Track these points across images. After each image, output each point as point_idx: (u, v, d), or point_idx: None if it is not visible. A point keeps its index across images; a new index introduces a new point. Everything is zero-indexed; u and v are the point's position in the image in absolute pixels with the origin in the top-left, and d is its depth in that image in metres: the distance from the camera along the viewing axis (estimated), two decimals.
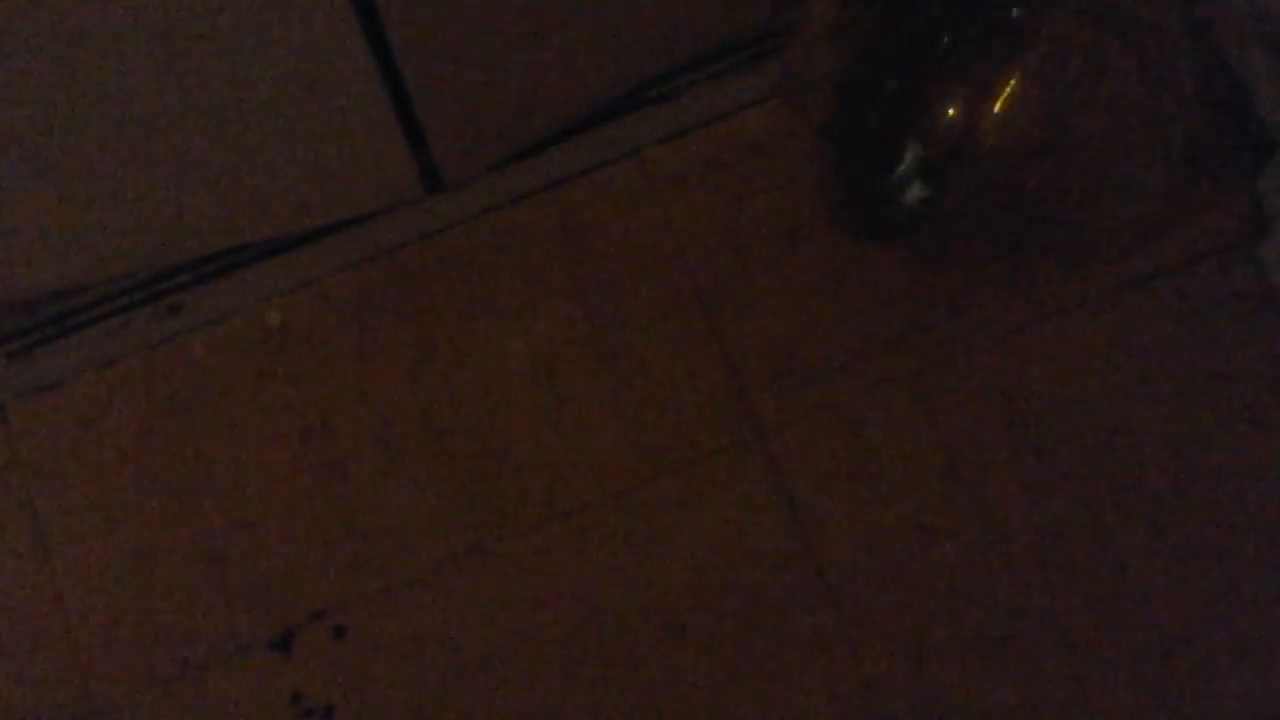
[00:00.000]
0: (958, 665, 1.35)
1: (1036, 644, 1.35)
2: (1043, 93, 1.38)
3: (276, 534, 1.42)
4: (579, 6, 1.40)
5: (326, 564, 1.41)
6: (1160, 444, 1.40)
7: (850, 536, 1.39)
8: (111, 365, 1.46)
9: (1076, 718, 1.34)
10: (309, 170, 1.41)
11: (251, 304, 1.48)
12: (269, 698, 1.38)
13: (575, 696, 1.36)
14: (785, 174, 1.50)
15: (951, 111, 1.39)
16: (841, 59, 1.45)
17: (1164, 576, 1.36)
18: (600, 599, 1.39)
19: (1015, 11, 1.38)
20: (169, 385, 1.46)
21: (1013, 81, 1.37)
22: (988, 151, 1.39)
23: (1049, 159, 1.39)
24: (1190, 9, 1.41)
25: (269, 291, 1.48)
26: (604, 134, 1.52)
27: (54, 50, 1.20)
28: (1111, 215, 1.43)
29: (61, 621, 1.40)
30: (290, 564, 1.41)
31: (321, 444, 1.44)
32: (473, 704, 1.37)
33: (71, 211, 1.36)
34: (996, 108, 1.38)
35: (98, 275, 1.46)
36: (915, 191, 1.41)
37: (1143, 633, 1.35)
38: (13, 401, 1.46)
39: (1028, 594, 1.37)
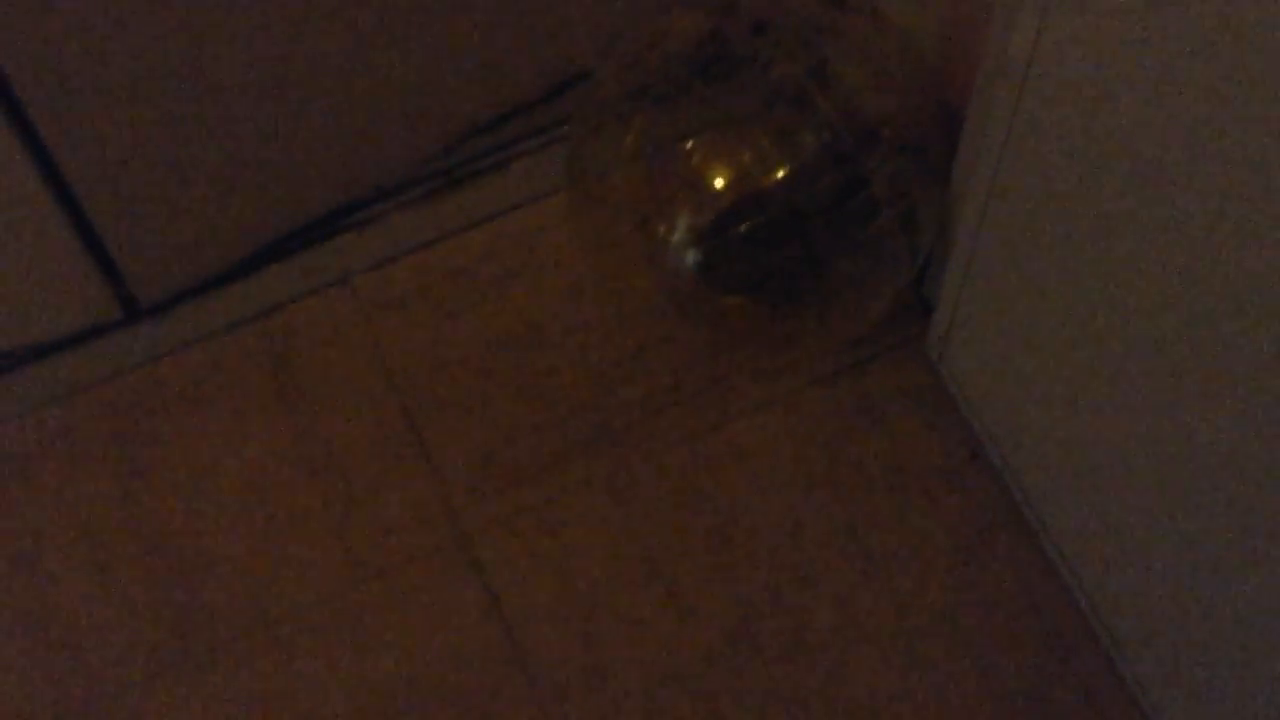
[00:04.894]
0: None
1: None
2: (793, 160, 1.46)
3: None
4: (270, 129, 1.47)
5: (36, 679, 1.42)
6: (842, 529, 1.47)
7: (554, 632, 1.44)
8: None
9: None
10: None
11: None
12: None
13: None
14: (492, 289, 1.58)
15: (719, 180, 1.47)
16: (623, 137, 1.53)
17: (851, 654, 1.43)
18: (312, 702, 1.42)
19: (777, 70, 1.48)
20: None
21: (767, 146, 1.46)
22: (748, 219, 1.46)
23: (798, 233, 1.47)
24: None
25: None
26: (310, 260, 1.58)
27: None
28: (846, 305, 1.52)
29: None
30: (2, 683, 1.42)
31: (35, 565, 1.46)
32: None
33: None
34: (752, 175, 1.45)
35: None
36: (689, 262, 1.47)
37: (831, 706, 1.41)
38: None
39: (723, 676, 1.42)
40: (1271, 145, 0.94)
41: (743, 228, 1.48)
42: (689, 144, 1.50)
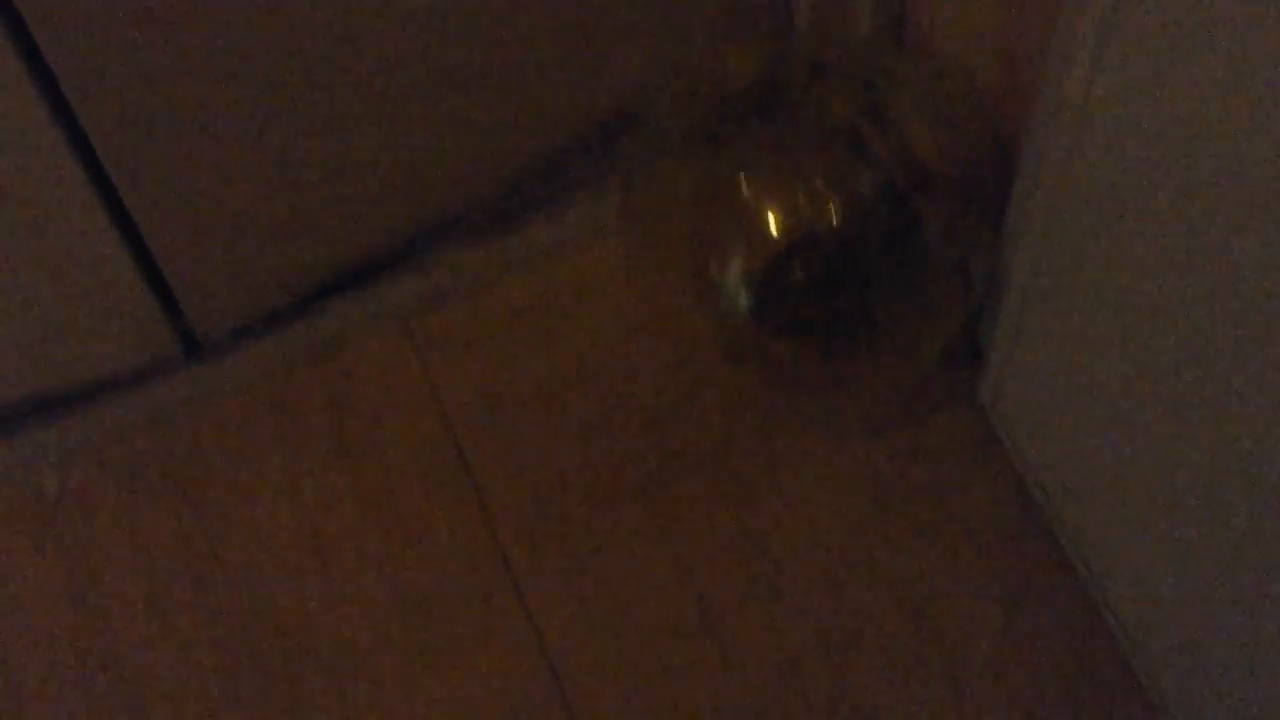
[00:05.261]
0: None
1: None
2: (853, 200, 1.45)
3: (46, 694, 1.46)
4: (332, 169, 1.49)
5: (93, 715, 1.45)
6: (890, 579, 1.47)
7: (600, 678, 1.45)
8: None
9: None
10: (51, 331, 1.49)
11: (25, 468, 1.54)
12: None
13: None
14: (546, 330, 1.60)
15: (773, 221, 1.46)
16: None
17: (898, 705, 1.43)
18: None
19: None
20: None
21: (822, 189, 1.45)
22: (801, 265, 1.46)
23: (851, 277, 1.47)
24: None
25: (40, 456, 1.55)
26: (367, 299, 1.61)
27: None
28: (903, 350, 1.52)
29: None
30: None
31: (94, 605, 1.49)
32: None
33: None
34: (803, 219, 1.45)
35: None
36: (741, 304, 1.48)
37: None
38: None
39: None
40: None
41: (796, 270, 1.48)
42: (743, 184, 1.50)
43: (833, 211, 1.47)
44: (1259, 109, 0.96)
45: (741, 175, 1.48)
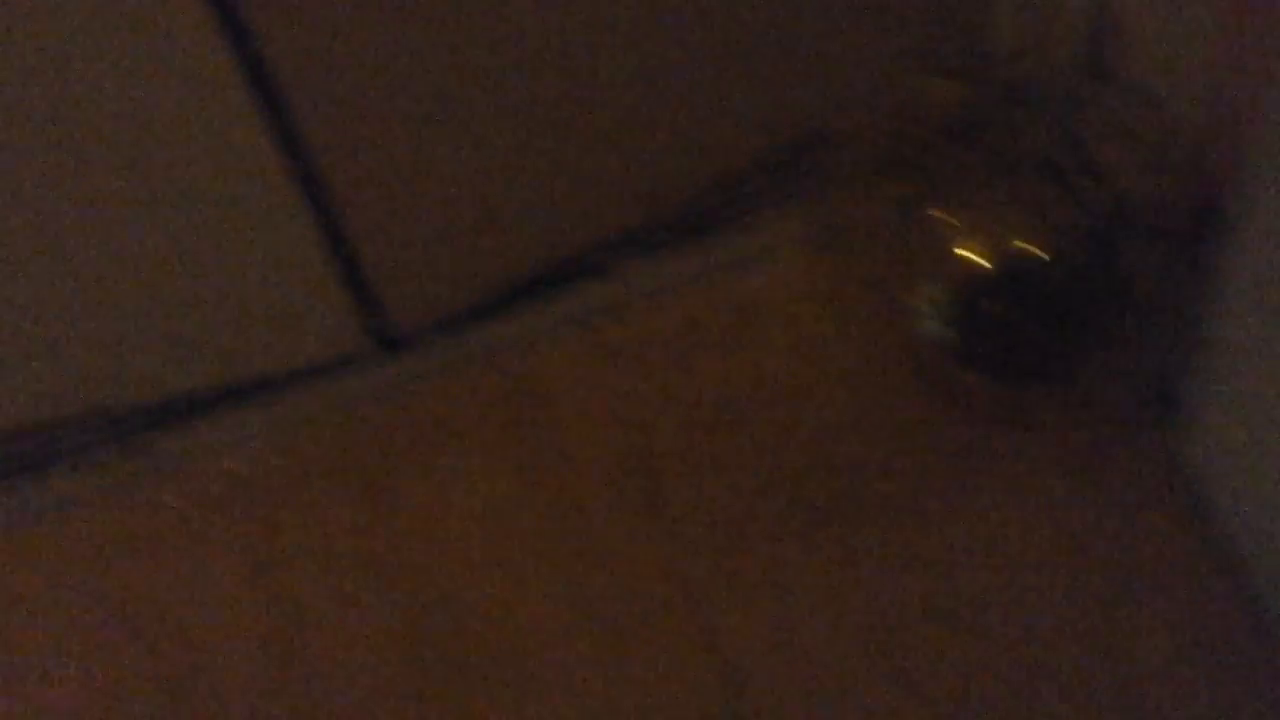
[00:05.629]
0: None
1: None
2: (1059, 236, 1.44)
3: (233, 674, 1.49)
4: (529, 174, 1.51)
5: (279, 697, 1.47)
6: (1071, 615, 1.46)
7: (776, 699, 1.44)
8: (74, 504, 1.56)
9: None
10: (249, 320, 1.52)
11: (217, 452, 1.57)
12: None
13: None
14: (731, 343, 1.60)
15: (962, 248, 1.46)
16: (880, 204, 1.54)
17: None
18: None
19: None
20: (127, 524, 1.55)
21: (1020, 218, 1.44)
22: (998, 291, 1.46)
23: (1046, 313, 1.46)
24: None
25: (229, 440, 1.58)
26: (557, 303, 1.62)
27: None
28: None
29: None
30: (247, 701, 1.48)
31: (276, 587, 1.52)
32: None
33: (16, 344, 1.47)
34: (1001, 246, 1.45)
35: (48, 412, 1.55)
36: (935, 331, 1.48)
37: None
38: None
39: None
40: None
41: (993, 301, 1.48)
42: (939, 214, 1.49)
43: (1033, 245, 1.45)
44: None
45: (941, 203, 1.48)
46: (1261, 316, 1.31)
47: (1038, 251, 1.45)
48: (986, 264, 1.47)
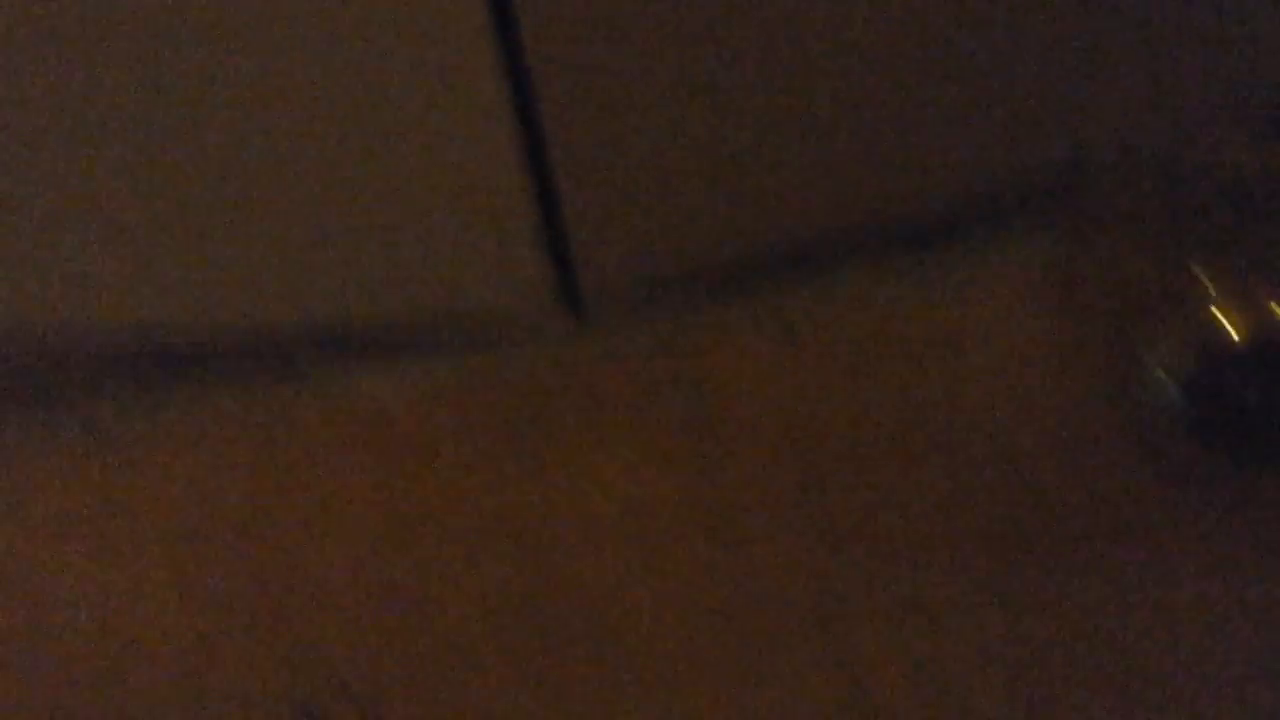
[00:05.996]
0: None
1: None
2: None
3: (341, 608, 1.44)
4: (740, 164, 1.46)
5: (386, 634, 1.43)
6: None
7: None
8: (226, 421, 1.54)
9: None
10: (439, 259, 1.49)
11: (378, 392, 1.54)
12: None
13: None
14: (927, 368, 1.51)
15: (1218, 311, 1.39)
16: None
17: None
18: None
19: None
20: (273, 446, 1.53)
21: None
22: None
23: None
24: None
25: (399, 385, 1.55)
26: (751, 298, 1.55)
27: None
28: None
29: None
30: (347, 636, 1.43)
31: (407, 537, 1.47)
32: None
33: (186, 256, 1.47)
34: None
35: (213, 330, 1.55)
36: (1168, 395, 1.40)
37: None
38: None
39: None
40: None
41: (1237, 376, 1.38)
42: (1200, 272, 1.39)
43: None
44: None
45: (1204, 263, 1.40)
46: None
47: None
48: (1241, 334, 1.37)
